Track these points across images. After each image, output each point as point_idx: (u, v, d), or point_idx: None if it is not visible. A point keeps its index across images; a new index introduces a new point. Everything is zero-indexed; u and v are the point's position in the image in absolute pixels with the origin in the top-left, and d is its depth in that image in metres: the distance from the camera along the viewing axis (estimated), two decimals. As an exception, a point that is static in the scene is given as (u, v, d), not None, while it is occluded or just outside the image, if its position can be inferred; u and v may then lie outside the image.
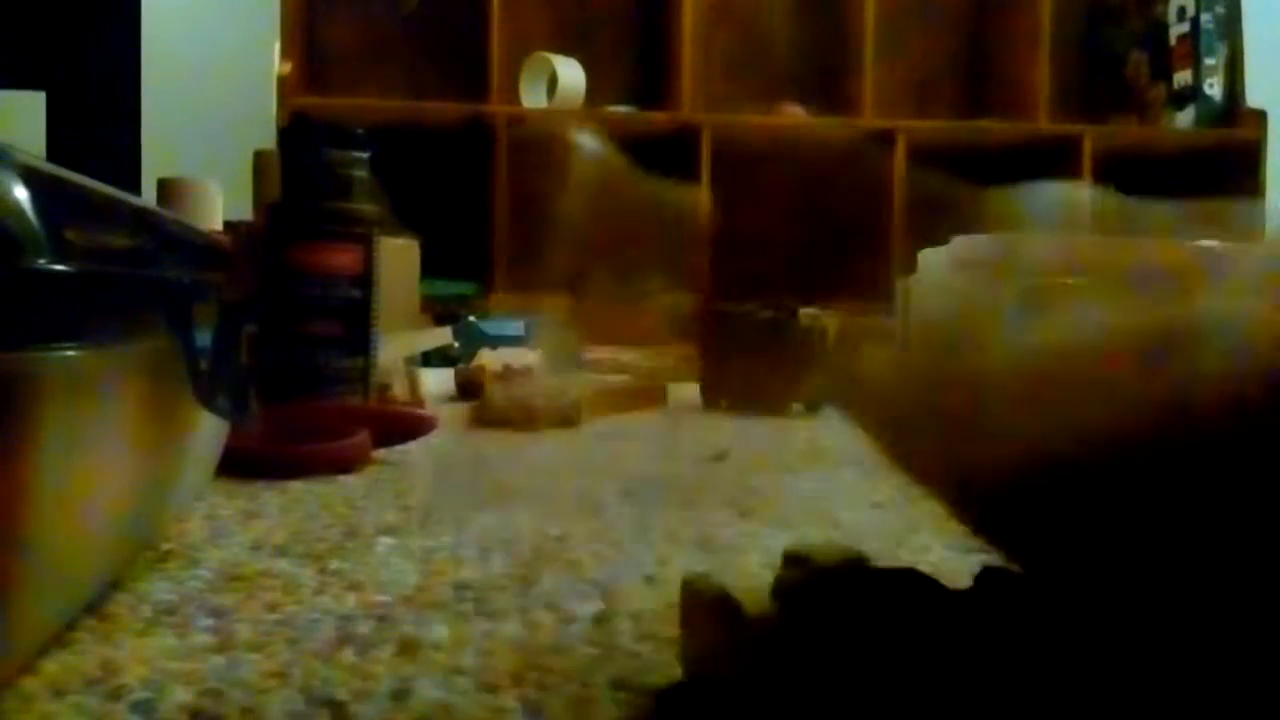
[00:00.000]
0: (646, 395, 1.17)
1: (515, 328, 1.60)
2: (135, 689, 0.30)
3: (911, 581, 0.24)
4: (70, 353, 0.29)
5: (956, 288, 0.25)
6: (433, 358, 1.74)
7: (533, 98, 3.01)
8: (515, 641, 0.35)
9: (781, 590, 0.30)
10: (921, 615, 0.23)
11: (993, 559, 0.27)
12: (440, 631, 0.36)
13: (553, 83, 2.97)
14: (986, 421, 0.22)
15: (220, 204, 1.70)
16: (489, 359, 1.28)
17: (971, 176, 3.69)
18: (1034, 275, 0.30)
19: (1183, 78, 3.22)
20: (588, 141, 0.93)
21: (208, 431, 0.52)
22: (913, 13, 3.41)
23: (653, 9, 3.27)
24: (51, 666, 0.32)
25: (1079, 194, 1.42)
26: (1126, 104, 3.38)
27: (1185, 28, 3.19)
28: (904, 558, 0.48)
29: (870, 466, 0.75)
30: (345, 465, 0.69)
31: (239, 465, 0.64)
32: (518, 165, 2.93)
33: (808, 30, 3.37)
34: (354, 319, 0.83)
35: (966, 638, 0.23)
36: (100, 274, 0.31)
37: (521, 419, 0.95)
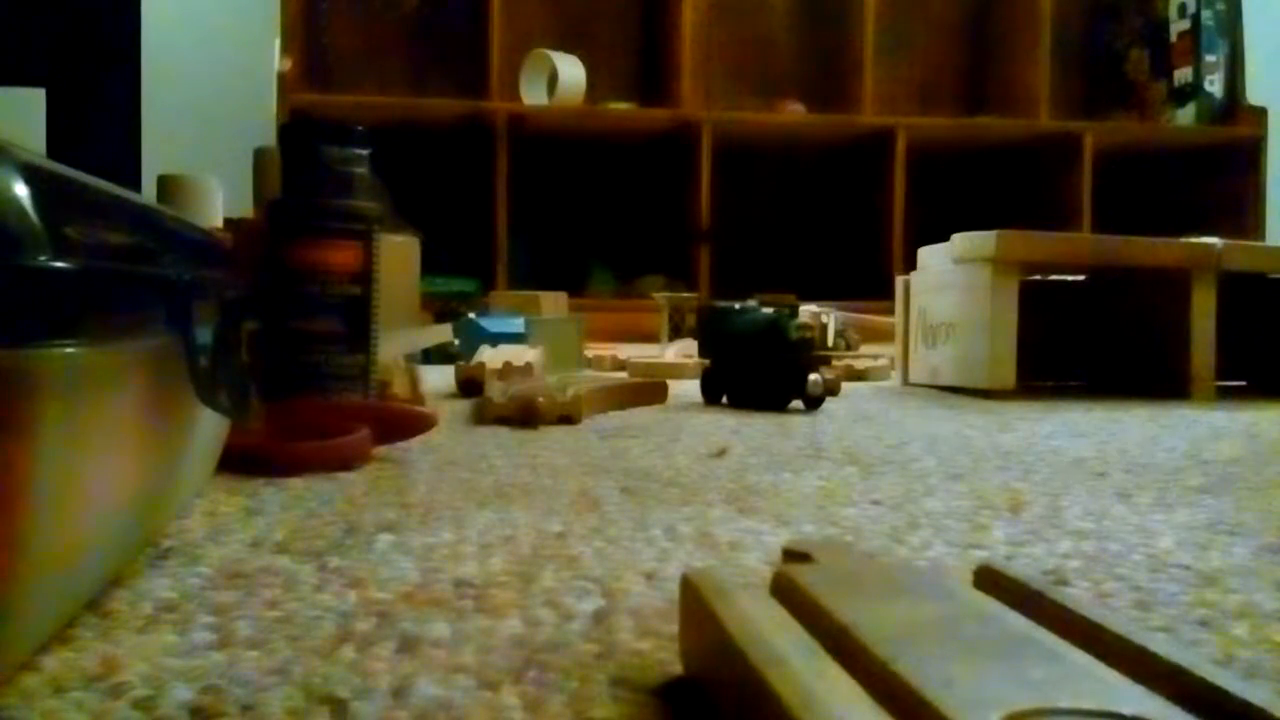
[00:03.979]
0: (647, 392, 1.17)
1: (516, 325, 1.60)
2: (136, 686, 0.30)
3: None
4: (71, 350, 0.29)
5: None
6: (433, 355, 1.75)
7: (533, 95, 3.01)
8: (515, 638, 0.35)
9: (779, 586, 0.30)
10: None
11: (991, 558, 0.27)
12: (440, 629, 0.36)
13: (553, 80, 2.97)
14: None
15: (220, 201, 1.70)
16: (489, 356, 1.28)
17: (972, 174, 3.70)
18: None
19: (1183, 75, 3.22)
20: None
21: (208, 428, 0.52)
22: (913, 11, 3.41)
23: (653, 6, 3.27)
24: (52, 663, 0.32)
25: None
26: (1127, 101, 3.38)
27: (1186, 25, 3.19)
28: (903, 555, 0.48)
29: (870, 464, 0.75)
30: (345, 462, 0.69)
31: (239, 462, 0.64)
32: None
33: (808, 28, 3.37)
34: (354, 316, 0.83)
35: None
36: (100, 271, 0.31)
37: (522, 416, 0.95)
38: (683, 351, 1.73)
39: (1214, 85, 3.18)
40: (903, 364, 1.49)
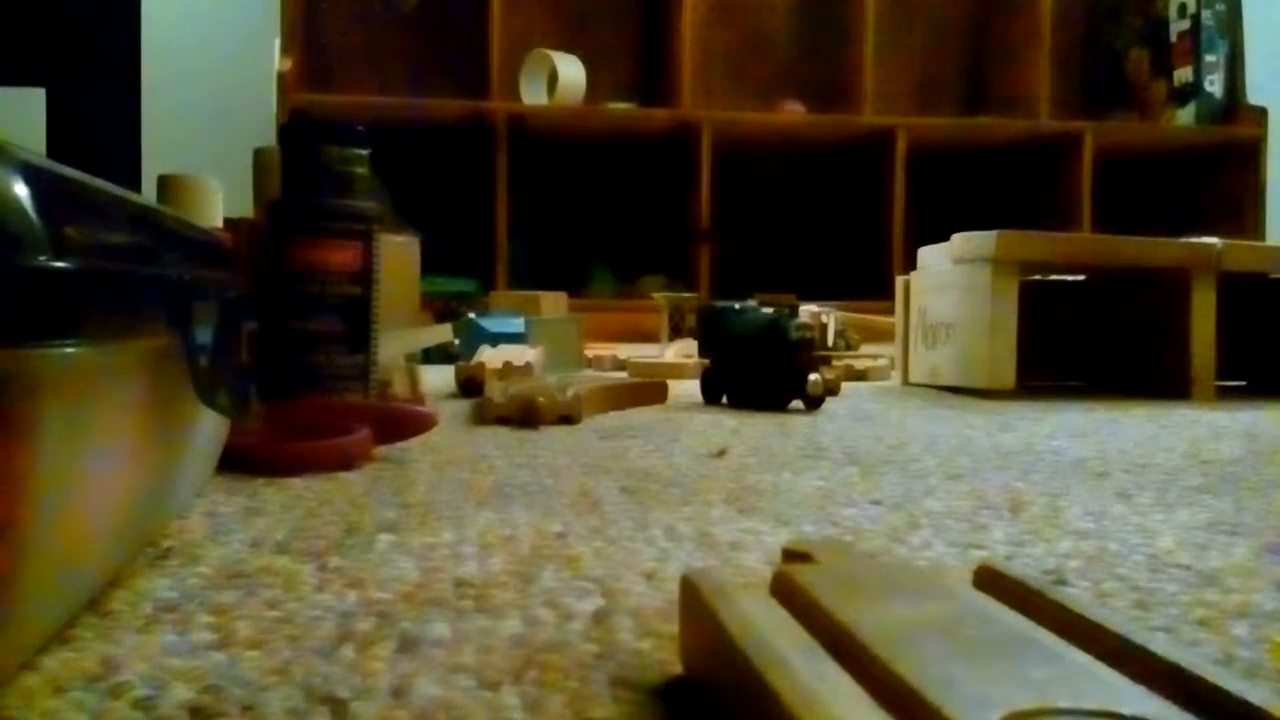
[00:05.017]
0: (647, 392, 1.17)
1: (516, 325, 1.60)
2: (136, 686, 0.30)
3: None
4: (70, 350, 0.29)
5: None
6: (433, 355, 1.75)
7: (533, 95, 3.01)
8: (515, 638, 0.35)
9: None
10: None
11: (992, 558, 0.27)
12: (440, 629, 0.36)
13: (553, 80, 2.97)
14: None
15: (220, 201, 1.70)
16: (489, 356, 1.28)
17: (972, 174, 3.70)
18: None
19: (1183, 75, 3.22)
20: None
21: (208, 428, 0.52)
22: (913, 11, 3.41)
23: (653, 6, 3.27)
24: (52, 663, 0.32)
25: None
26: (1127, 101, 3.38)
27: (1186, 25, 3.19)
28: (903, 555, 0.48)
29: (870, 464, 0.75)
30: (346, 462, 0.69)
31: (239, 462, 0.64)
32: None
33: (808, 28, 3.37)
34: (354, 316, 0.83)
35: None
36: (100, 271, 0.31)
37: (522, 416, 0.95)
38: (683, 351, 1.73)
39: (1214, 85, 3.18)
40: (903, 364, 1.49)
